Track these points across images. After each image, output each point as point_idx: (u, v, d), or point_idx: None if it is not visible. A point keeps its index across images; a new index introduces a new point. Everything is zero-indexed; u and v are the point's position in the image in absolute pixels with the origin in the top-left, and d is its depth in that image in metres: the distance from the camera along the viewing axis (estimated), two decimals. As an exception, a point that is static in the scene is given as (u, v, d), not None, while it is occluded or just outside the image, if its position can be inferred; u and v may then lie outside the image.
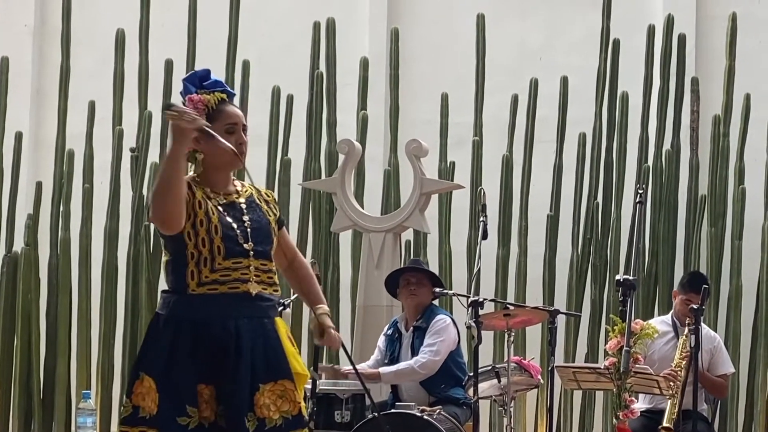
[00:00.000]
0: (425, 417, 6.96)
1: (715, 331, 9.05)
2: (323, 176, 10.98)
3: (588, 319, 10.18)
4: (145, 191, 10.64)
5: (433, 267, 10.54)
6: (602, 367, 6.70)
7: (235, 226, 4.23)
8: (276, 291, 4.30)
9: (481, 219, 7.16)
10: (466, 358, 8.17)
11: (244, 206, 4.31)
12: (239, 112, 4.46)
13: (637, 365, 6.51)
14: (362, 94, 11.12)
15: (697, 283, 7.63)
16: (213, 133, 4.21)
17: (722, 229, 10.23)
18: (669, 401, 7.04)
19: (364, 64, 11.07)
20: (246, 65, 10.94)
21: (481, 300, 6.86)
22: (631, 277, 6.09)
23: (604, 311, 10.17)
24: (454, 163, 10.76)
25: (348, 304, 10.61)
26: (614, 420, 6.42)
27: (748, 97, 10.31)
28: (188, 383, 4.12)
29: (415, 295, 7.77)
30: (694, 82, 10.69)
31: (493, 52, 10.88)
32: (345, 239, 10.77)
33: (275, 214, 4.42)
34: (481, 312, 6.86)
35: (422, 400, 7.51)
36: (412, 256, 10.73)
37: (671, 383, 6.92)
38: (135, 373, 4.22)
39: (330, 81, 11.06)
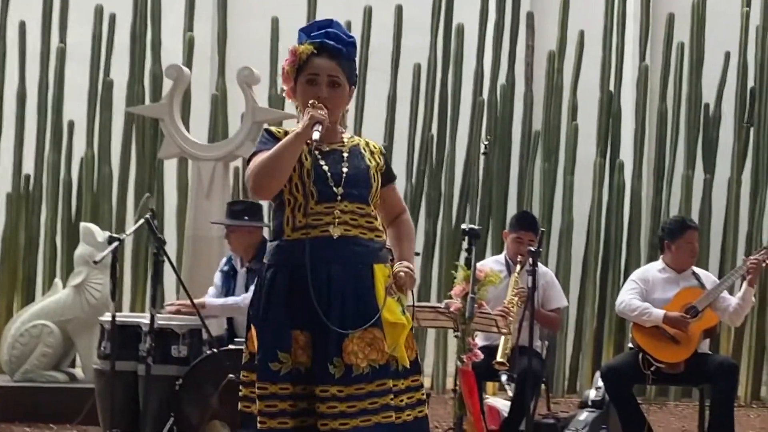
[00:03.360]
0: (264, 353, 7.32)
1: (546, 265, 9.66)
2: (147, 99, 11.16)
3: (422, 252, 10.66)
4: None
5: (263, 195, 10.89)
6: (442, 307, 7.12)
7: (327, 169, 4.35)
8: (379, 236, 4.42)
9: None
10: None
11: (345, 154, 4.42)
12: (326, 63, 4.43)
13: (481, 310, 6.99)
14: (188, 15, 11.29)
15: (525, 222, 8.13)
16: (317, 142, 4.29)
17: (555, 164, 10.84)
18: (502, 337, 7.56)
19: (191, -16, 11.29)
20: (67, -18, 11.00)
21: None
22: (476, 226, 6.55)
23: (437, 244, 10.68)
24: (285, 89, 11.04)
25: (173, 231, 10.87)
26: (458, 363, 6.87)
27: (582, 34, 10.88)
28: (282, 329, 4.28)
29: (232, 245, 8.00)
30: (530, 17, 11.21)
31: (326, -25, 11.20)
32: (170, 164, 10.98)
33: (378, 163, 4.50)
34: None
35: (259, 336, 7.82)
36: (241, 185, 11.03)
37: (506, 321, 7.43)
38: (247, 322, 4.41)
39: (155, 1, 11.22)
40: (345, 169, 4.39)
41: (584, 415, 7.73)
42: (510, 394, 7.50)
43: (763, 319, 10.50)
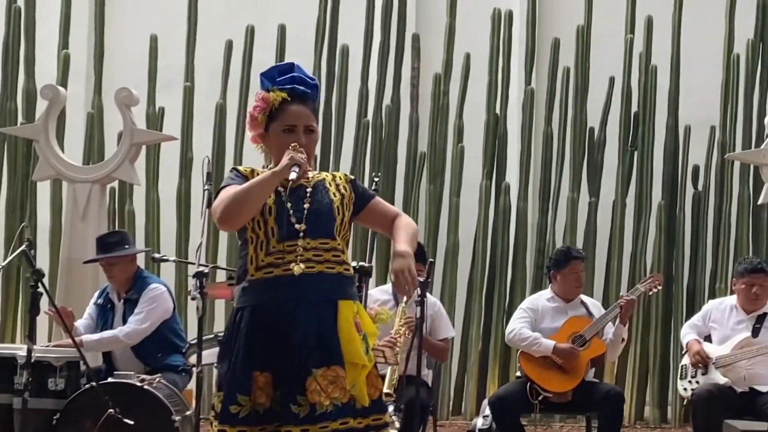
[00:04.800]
0: (145, 387, 7.27)
1: (432, 286, 9.72)
2: (20, 116, 11.03)
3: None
4: None
5: (140, 216, 10.83)
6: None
7: (290, 206, 4.41)
8: (348, 270, 4.48)
9: (206, 188, 7.41)
10: (187, 325, 8.50)
11: (309, 190, 4.47)
12: (302, 112, 4.52)
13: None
14: (64, 31, 11.18)
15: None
16: (294, 182, 4.36)
17: (441, 186, 10.91)
18: (388, 367, 7.61)
19: (66, 1, 11.15)
20: (-64, -3, 10.81)
21: (206, 271, 7.16)
22: (366, 264, 6.57)
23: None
24: (163, 109, 11.00)
25: (47, 252, 10.74)
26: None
27: (468, 57, 10.98)
28: (243, 371, 4.35)
29: (114, 277, 7.96)
30: (415, 38, 11.26)
31: (206, -7, 11.19)
32: (43, 184, 10.83)
33: (343, 195, 4.54)
34: (206, 282, 7.16)
35: (137, 368, 7.76)
36: (117, 205, 10.92)
37: (394, 351, 7.48)
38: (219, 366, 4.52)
39: (29, 16, 11.10)
40: (307, 205, 4.45)
41: (472, 444, 7.82)
42: (397, 425, 7.53)
43: (646, 342, 10.70)
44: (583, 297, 8.16)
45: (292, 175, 4.34)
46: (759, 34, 10.94)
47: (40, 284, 7.00)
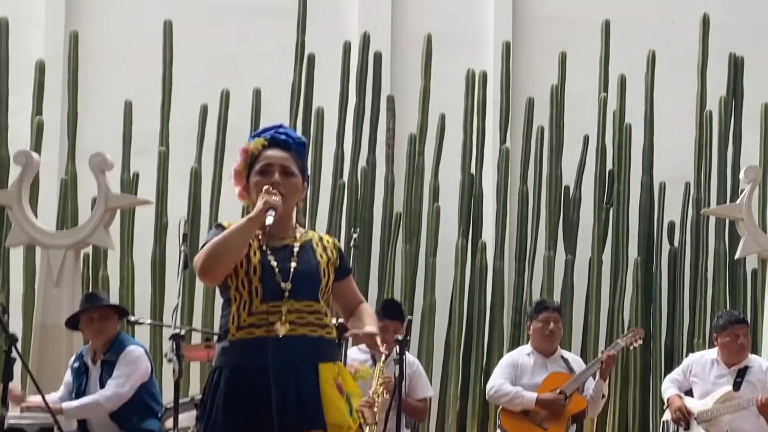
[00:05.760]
0: (123, 451, 7.22)
1: (409, 346, 9.66)
2: (-9, 183, 10.98)
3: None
4: None
5: (114, 281, 10.73)
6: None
7: (275, 265, 4.35)
8: (329, 333, 4.41)
9: (183, 249, 7.36)
10: (162, 388, 8.39)
11: (296, 250, 4.42)
12: (279, 154, 4.47)
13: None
14: (37, 98, 11.13)
15: (391, 310, 8.18)
16: (269, 222, 4.31)
17: (417, 245, 10.89)
18: (366, 428, 7.54)
19: (40, 68, 11.11)
20: None
21: (182, 333, 7.07)
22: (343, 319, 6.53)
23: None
24: (138, 174, 10.93)
25: (20, 320, 10.63)
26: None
27: (443, 117, 11.01)
28: None
29: (103, 331, 7.88)
30: (390, 100, 11.28)
31: (180, 59, 11.14)
32: (16, 251, 10.74)
33: (330, 258, 4.48)
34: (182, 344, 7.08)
35: (112, 432, 7.69)
36: (91, 271, 10.83)
37: (373, 411, 7.41)
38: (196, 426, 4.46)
39: (2, 83, 11.05)
40: (294, 264, 4.38)
41: (454, 505, 7.73)
42: (376, 487, 7.45)
43: (625, 398, 10.66)
44: (564, 352, 8.12)
45: (269, 220, 4.27)
46: (731, 91, 11.02)
47: (13, 349, 6.90)
